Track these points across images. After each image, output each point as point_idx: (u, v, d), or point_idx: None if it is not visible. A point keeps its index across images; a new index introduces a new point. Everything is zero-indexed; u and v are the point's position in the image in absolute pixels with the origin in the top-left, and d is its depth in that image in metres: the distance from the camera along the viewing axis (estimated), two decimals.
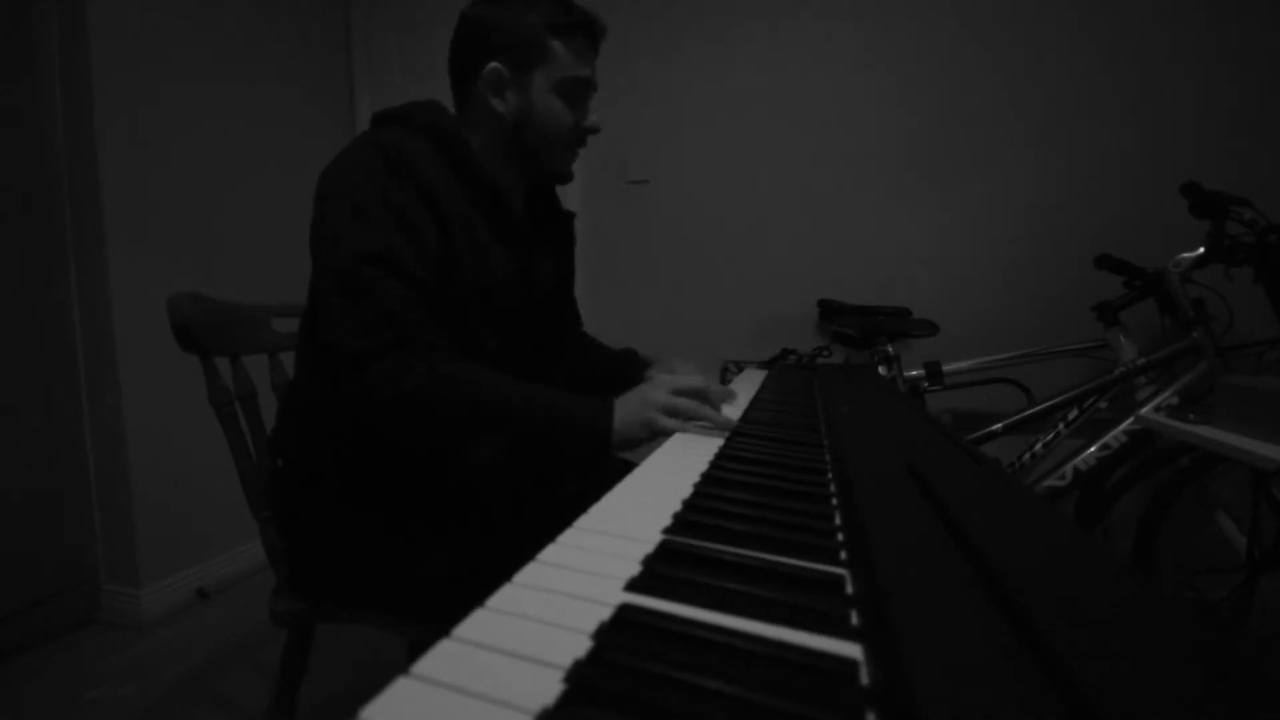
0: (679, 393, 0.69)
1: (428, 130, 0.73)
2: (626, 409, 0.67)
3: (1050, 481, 1.35)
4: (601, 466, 0.97)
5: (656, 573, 0.31)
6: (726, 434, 0.66)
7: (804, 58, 1.80)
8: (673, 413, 0.68)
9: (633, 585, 0.30)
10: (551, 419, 0.65)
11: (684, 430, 0.68)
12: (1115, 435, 1.32)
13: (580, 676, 0.22)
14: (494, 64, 0.74)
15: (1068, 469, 1.34)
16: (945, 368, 1.53)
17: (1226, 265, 1.23)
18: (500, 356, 0.75)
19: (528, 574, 0.31)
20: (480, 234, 0.73)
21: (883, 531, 0.34)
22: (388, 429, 0.65)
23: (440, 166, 0.71)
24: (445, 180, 0.71)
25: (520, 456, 0.65)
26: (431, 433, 0.65)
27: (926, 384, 1.52)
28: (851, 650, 0.25)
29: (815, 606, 0.28)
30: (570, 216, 0.93)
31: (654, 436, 0.68)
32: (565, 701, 0.21)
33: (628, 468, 0.72)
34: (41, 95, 1.42)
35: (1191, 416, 0.95)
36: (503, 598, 0.28)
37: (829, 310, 1.73)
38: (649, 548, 0.34)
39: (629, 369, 1.02)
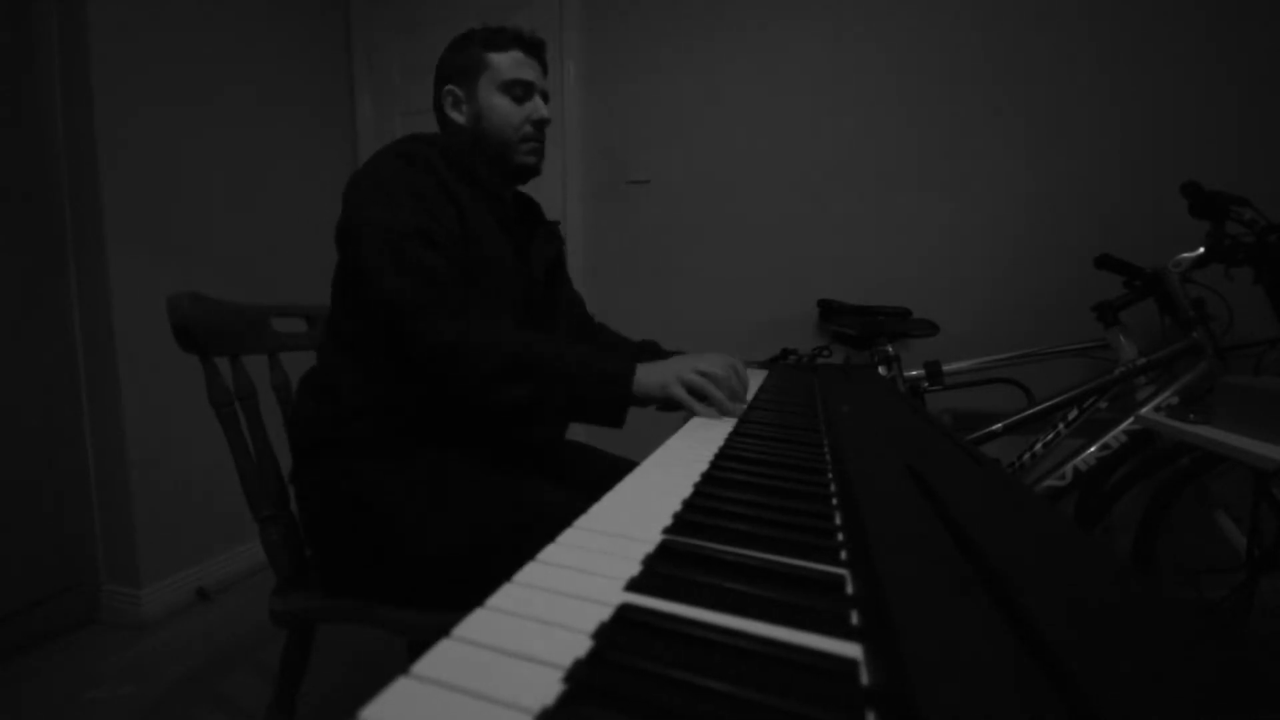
0: (702, 374, 0.76)
1: (433, 142, 0.87)
2: (649, 369, 0.76)
3: (1050, 481, 1.35)
4: (603, 464, 0.98)
5: (657, 572, 0.31)
6: (730, 429, 0.66)
7: (804, 58, 1.80)
8: (690, 389, 0.75)
9: (633, 585, 0.30)
10: (580, 363, 0.74)
11: (694, 408, 0.74)
12: (1115, 435, 1.32)
13: (580, 676, 0.22)
14: (449, 86, 0.92)
15: (1068, 469, 1.34)
16: (945, 368, 1.53)
17: (1226, 265, 1.23)
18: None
19: (528, 573, 0.31)
20: (485, 219, 0.86)
21: (883, 531, 0.34)
22: (429, 374, 0.75)
23: (447, 168, 0.84)
24: (453, 177, 0.84)
25: (548, 399, 0.73)
26: (469, 378, 0.73)
27: (926, 384, 1.52)
28: (851, 650, 0.25)
29: (815, 606, 0.28)
30: (555, 224, 1.05)
31: (668, 402, 0.76)
32: (565, 701, 0.21)
33: (628, 467, 0.72)
34: (41, 95, 1.42)
35: (1191, 416, 0.95)
36: (503, 597, 0.28)
37: (829, 310, 1.73)
38: (649, 547, 0.34)
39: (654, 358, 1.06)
